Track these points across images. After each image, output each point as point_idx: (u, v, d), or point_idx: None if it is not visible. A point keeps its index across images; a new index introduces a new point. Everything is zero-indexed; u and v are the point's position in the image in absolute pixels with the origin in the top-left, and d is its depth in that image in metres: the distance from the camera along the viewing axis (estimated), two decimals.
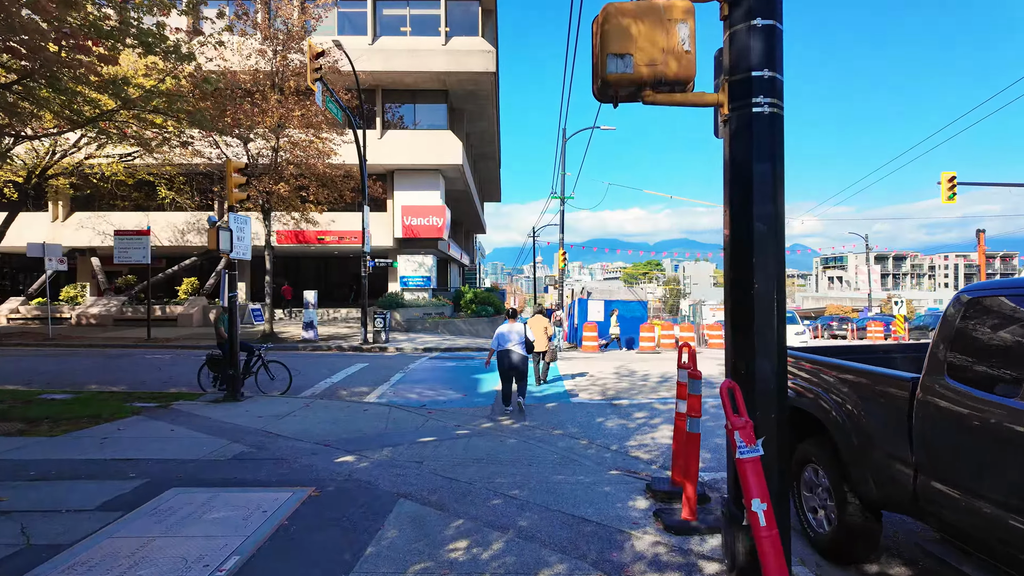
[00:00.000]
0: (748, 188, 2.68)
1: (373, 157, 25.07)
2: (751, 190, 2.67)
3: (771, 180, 2.68)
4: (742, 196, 2.72)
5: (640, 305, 20.55)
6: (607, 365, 14.33)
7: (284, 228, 26.09)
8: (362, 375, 12.42)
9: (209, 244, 8.92)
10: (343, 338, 20.32)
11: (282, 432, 7.06)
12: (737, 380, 2.73)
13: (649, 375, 12.44)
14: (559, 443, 6.77)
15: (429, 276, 26.57)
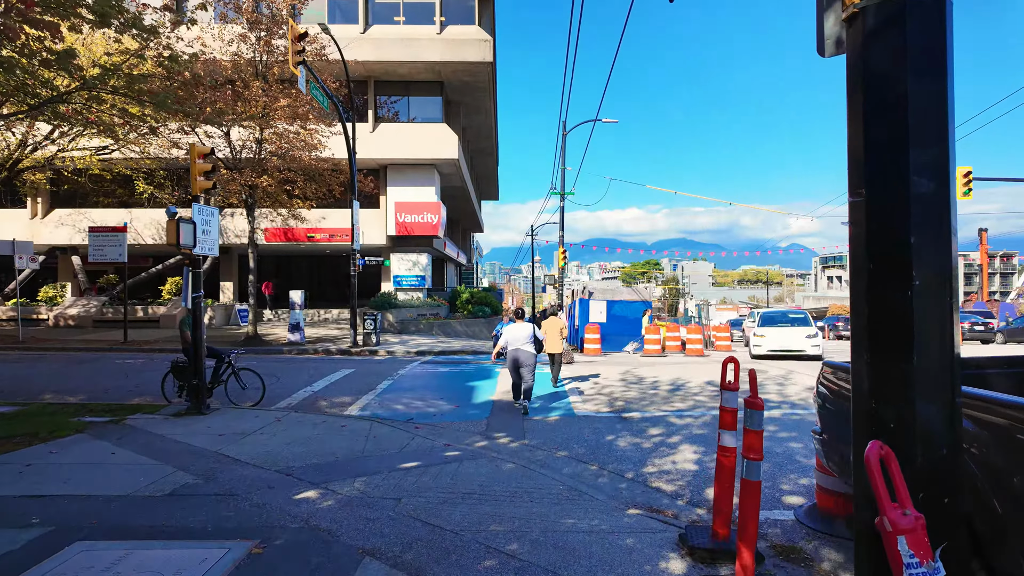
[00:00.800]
0: (900, 121, 1.67)
1: (365, 151, 24.05)
2: (905, 124, 1.66)
3: (938, 107, 1.68)
4: (889, 135, 1.71)
5: (644, 306, 19.56)
6: (612, 370, 13.34)
7: (272, 226, 25.10)
8: (347, 382, 11.41)
9: (168, 238, 7.91)
10: (332, 340, 19.29)
11: (241, 456, 6.05)
12: (882, 436, 1.69)
13: (659, 382, 11.44)
14: (565, 468, 5.77)
15: (424, 275, 25.56)
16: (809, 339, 15.48)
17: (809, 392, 10.13)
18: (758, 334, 16.20)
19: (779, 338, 15.81)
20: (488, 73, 24.42)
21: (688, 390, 10.44)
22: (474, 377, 12.08)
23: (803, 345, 15.57)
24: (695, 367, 14.10)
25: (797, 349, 15.56)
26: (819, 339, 15.57)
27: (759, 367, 13.96)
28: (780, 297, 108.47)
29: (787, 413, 8.39)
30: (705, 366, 14.35)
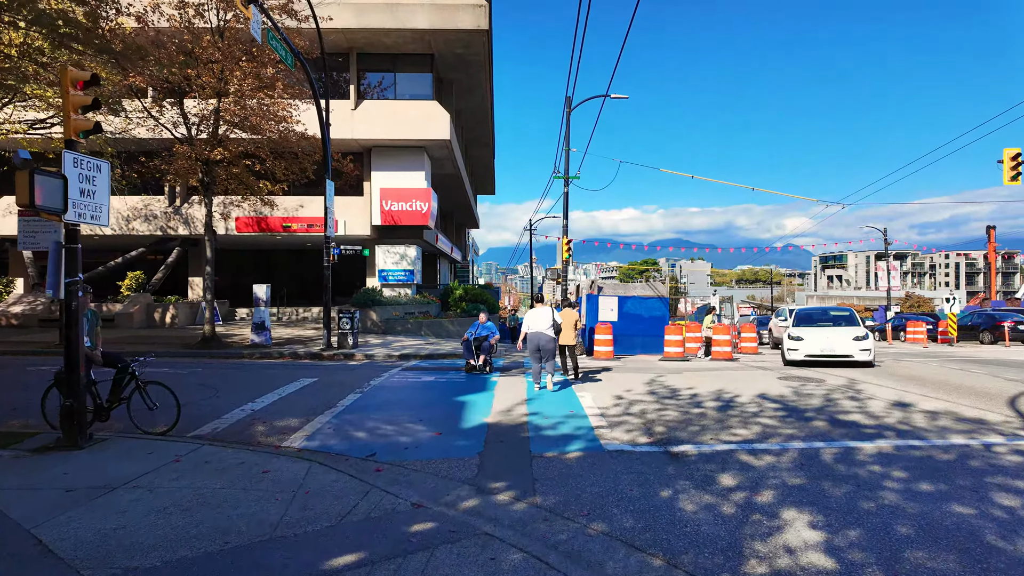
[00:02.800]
0: None
1: (346, 131, 21.62)
2: None
3: None
4: None
5: (661, 303, 17.19)
6: (633, 379, 10.95)
7: (243, 214, 22.62)
8: (303, 396, 8.97)
9: (18, 199, 5.44)
10: (304, 342, 16.84)
11: (65, 541, 3.63)
12: None
13: (699, 396, 9.06)
14: (609, 565, 3.38)
15: (412, 270, 23.11)
16: (857, 342, 12.96)
17: (905, 412, 7.75)
18: (793, 335, 13.55)
19: (821, 340, 13.12)
20: (483, 44, 22.01)
21: (743, 408, 8.06)
22: (465, 389, 9.65)
23: (850, 349, 12.82)
24: (731, 374, 11.73)
25: (844, 354, 12.82)
26: (869, 342, 13.07)
27: (806, 375, 11.60)
28: (780, 296, 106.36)
29: (900, 445, 6.02)
30: (743, 373, 11.98)
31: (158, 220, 23.41)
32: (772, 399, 8.71)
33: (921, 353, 18.51)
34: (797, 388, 9.77)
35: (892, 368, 12.98)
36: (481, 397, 9.00)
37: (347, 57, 22.34)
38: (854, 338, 13.03)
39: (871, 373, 11.91)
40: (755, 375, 11.61)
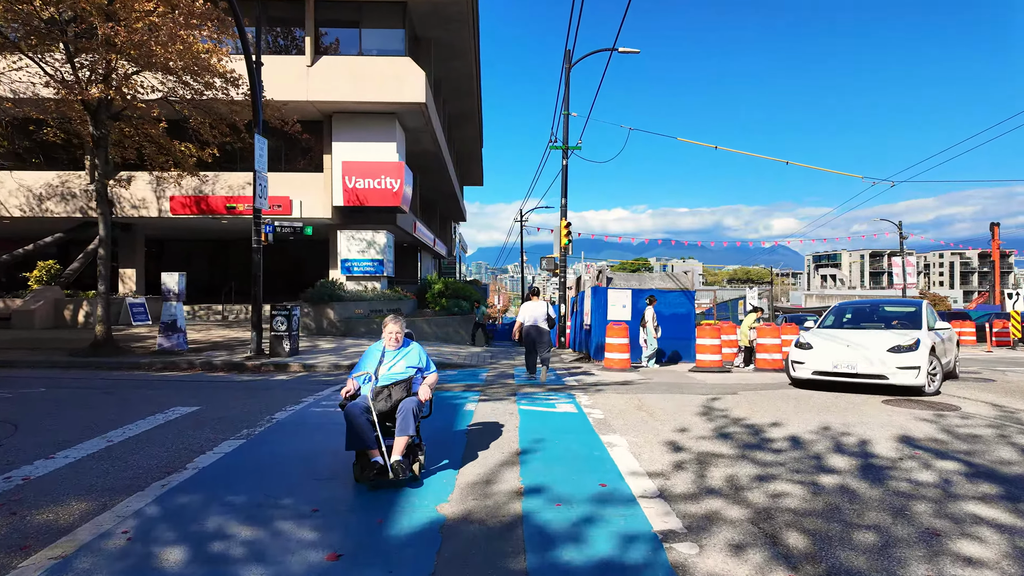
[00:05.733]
0: None
1: (301, 92, 17.99)
2: None
3: None
4: None
5: (686, 297, 13.76)
6: (677, 405, 7.47)
7: (179, 192, 18.93)
8: (143, 446, 5.36)
9: None
10: (232, 347, 13.17)
11: None
12: None
13: (800, 440, 5.59)
14: None
15: (381, 260, 19.47)
16: (896, 355, 8.21)
17: None
18: (803, 342, 9.16)
19: (837, 351, 8.63)
20: None
21: (903, 473, 4.61)
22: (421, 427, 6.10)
23: (882, 366, 8.18)
24: (812, 397, 8.25)
25: (871, 374, 8.25)
26: (920, 355, 8.17)
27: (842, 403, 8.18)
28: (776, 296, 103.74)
29: None
30: (824, 394, 8.53)
31: (78, 200, 19.56)
32: (929, 448, 5.25)
33: (999, 359, 15.24)
34: (942, 425, 6.33)
35: (1014, 383, 9.59)
36: (444, 446, 5.45)
37: (302, 5, 18.65)
38: (890, 349, 8.28)
39: (988, 392, 8.52)
40: (846, 399, 8.16)
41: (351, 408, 4.08)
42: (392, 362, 4.43)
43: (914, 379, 8.07)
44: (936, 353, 8.57)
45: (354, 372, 4.40)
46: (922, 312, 9.62)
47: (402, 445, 4.08)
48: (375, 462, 4.05)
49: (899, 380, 8.09)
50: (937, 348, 8.73)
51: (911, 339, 8.42)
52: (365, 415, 4.06)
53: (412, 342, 4.63)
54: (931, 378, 8.31)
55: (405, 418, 4.10)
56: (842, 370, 8.46)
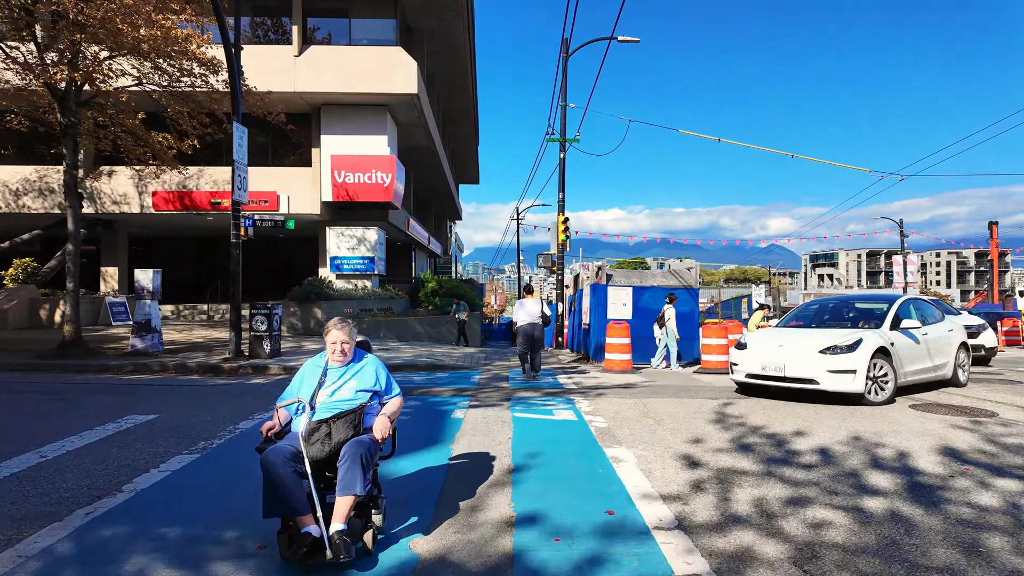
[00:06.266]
0: None
1: (288, 83, 17.31)
2: None
3: None
4: None
5: (690, 295, 13.12)
6: (687, 412, 6.82)
7: (161, 187, 18.23)
8: (81, 461, 4.68)
9: None
10: (210, 348, 12.48)
11: None
12: None
13: (830, 451, 4.95)
14: None
15: (372, 257, 18.78)
16: (829, 357, 7.07)
17: None
18: (743, 342, 8.22)
19: (768, 353, 7.58)
20: None
21: (972, 500, 3.99)
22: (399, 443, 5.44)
23: (812, 370, 7.10)
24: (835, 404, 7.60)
25: (799, 378, 7.20)
26: (858, 356, 7.00)
27: (866, 408, 7.56)
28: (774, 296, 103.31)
29: None
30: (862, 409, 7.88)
31: (56, 195, 18.78)
32: (978, 463, 4.61)
33: (1015, 359, 14.65)
34: (985, 435, 5.69)
35: None
36: (425, 462, 4.78)
37: None
38: (823, 349, 7.13)
39: None
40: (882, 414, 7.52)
41: (271, 455, 2.78)
42: (336, 384, 3.15)
43: (849, 384, 6.93)
44: (891, 356, 7.27)
45: (282, 399, 3.20)
46: (890, 310, 8.10)
47: (345, 508, 2.78)
48: (306, 533, 2.76)
49: (830, 385, 6.98)
50: (896, 351, 7.40)
51: (852, 339, 7.19)
52: (291, 465, 2.79)
53: (367, 355, 3.38)
54: (875, 385, 7.06)
55: (350, 469, 2.78)
56: (770, 372, 7.43)
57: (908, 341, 7.80)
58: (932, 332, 8.35)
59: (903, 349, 7.61)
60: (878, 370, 7.13)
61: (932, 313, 8.81)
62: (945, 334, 8.61)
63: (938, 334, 8.45)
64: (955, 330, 8.86)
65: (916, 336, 7.96)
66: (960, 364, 8.75)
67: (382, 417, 3.12)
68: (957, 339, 8.78)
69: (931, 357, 8.15)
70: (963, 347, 8.89)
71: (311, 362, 3.29)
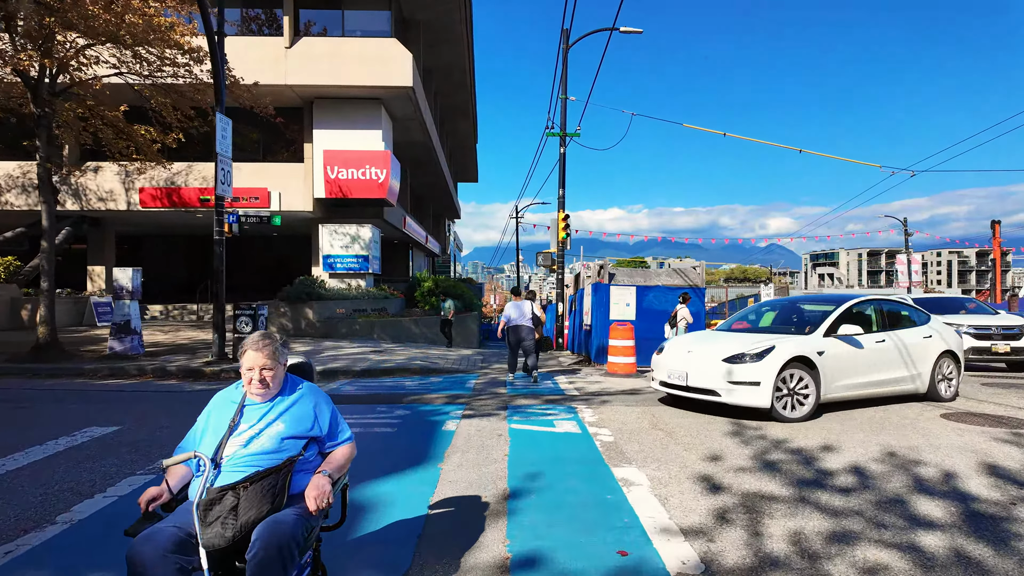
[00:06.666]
0: None
1: (279, 76, 16.76)
2: None
3: None
4: None
5: (696, 295, 12.58)
6: (701, 425, 6.27)
7: (149, 184, 17.68)
8: (11, 486, 4.12)
9: None
10: (195, 351, 11.93)
11: None
12: None
13: (865, 471, 4.41)
14: None
15: (366, 255, 18.22)
16: (733, 365, 6.27)
17: None
18: (661, 347, 7.56)
19: (676, 360, 6.91)
20: None
21: None
22: (382, 467, 4.91)
23: (714, 379, 6.34)
24: (856, 413, 7.03)
25: (701, 388, 6.48)
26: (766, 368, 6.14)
27: (894, 418, 7.02)
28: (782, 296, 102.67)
29: None
30: None
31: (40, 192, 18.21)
32: None
33: None
34: None
35: None
36: (408, 487, 4.23)
37: None
38: (727, 357, 6.33)
39: None
40: (898, 412, 6.99)
41: (142, 546, 1.84)
42: (254, 430, 2.20)
43: (752, 398, 6.08)
44: (816, 367, 6.27)
45: (179, 451, 2.26)
46: (832, 313, 6.93)
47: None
48: None
49: (733, 398, 6.18)
50: (825, 361, 6.37)
51: (762, 346, 6.31)
52: (175, 561, 1.84)
53: (304, 384, 2.44)
54: (792, 399, 6.16)
55: (267, 569, 1.86)
56: (674, 381, 6.80)
57: (847, 349, 6.68)
58: (894, 339, 7.14)
59: (839, 359, 6.54)
60: (795, 382, 6.20)
61: (903, 317, 7.64)
62: (919, 341, 7.33)
63: (906, 341, 7.21)
64: (936, 336, 7.52)
65: (860, 343, 6.77)
66: (944, 376, 7.44)
67: (319, 477, 2.14)
68: (936, 347, 7.42)
69: (890, 367, 6.96)
70: (949, 356, 7.51)
71: (223, 395, 2.38)
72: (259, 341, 2.28)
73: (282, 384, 2.35)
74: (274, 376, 2.28)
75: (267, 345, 2.27)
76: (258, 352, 2.24)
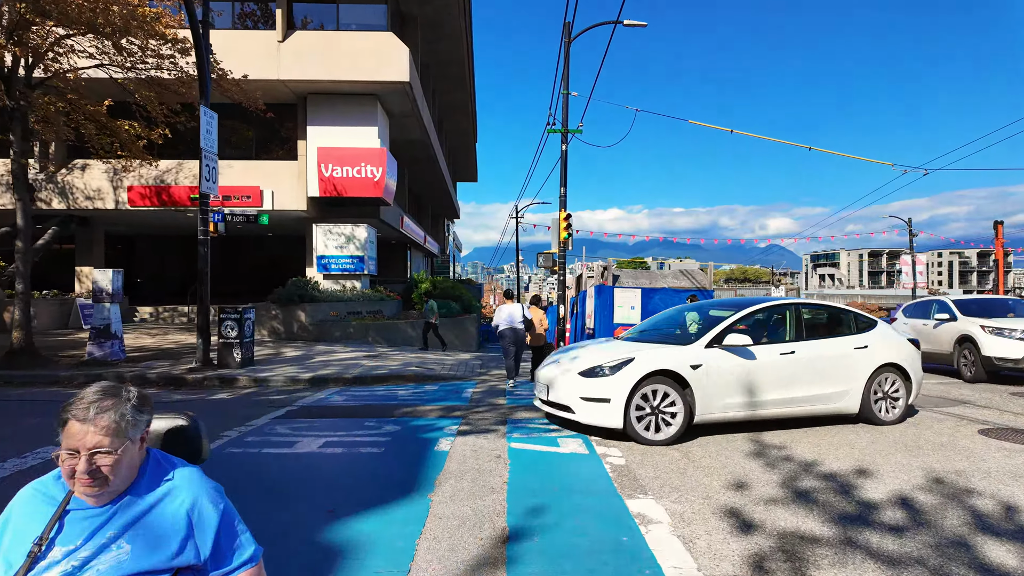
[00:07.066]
0: None
1: (271, 70, 16.24)
2: None
3: None
4: None
5: (704, 298, 12.04)
6: (714, 440, 5.75)
7: (138, 182, 17.16)
8: None
9: None
10: (180, 356, 11.40)
11: None
12: None
13: (918, 506, 3.90)
14: None
15: (362, 256, 17.69)
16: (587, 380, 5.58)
17: None
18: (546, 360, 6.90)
19: (547, 371, 6.22)
20: None
21: None
22: (364, 499, 4.38)
23: (569, 395, 5.66)
24: (886, 428, 6.47)
25: (560, 403, 5.78)
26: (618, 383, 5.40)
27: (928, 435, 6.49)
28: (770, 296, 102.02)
29: None
30: None
31: None
32: None
33: None
34: None
35: None
36: (392, 525, 3.69)
37: None
38: (583, 371, 5.65)
39: None
40: (930, 427, 6.46)
41: None
42: (77, 556, 1.33)
43: (602, 417, 5.37)
44: (689, 382, 5.45)
45: None
46: (724, 320, 5.98)
47: None
48: None
49: (585, 417, 5.48)
50: (705, 375, 5.50)
51: (620, 357, 5.56)
52: None
53: (180, 469, 1.51)
54: (655, 421, 5.36)
55: None
56: (542, 396, 6.11)
57: (736, 363, 5.69)
58: (809, 350, 6.02)
59: (724, 373, 5.62)
60: (660, 400, 5.40)
61: (834, 324, 6.63)
62: (846, 352, 6.16)
63: (826, 352, 6.09)
64: (874, 347, 6.28)
65: (753, 354, 5.76)
66: (886, 394, 6.24)
67: None
68: (872, 359, 6.22)
69: (802, 383, 5.89)
70: (893, 371, 6.29)
71: (34, 490, 1.43)
72: (94, 404, 1.35)
73: (138, 473, 1.43)
74: (117, 463, 1.35)
75: (106, 410, 1.35)
76: (88, 425, 1.32)
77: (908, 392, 6.40)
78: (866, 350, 6.26)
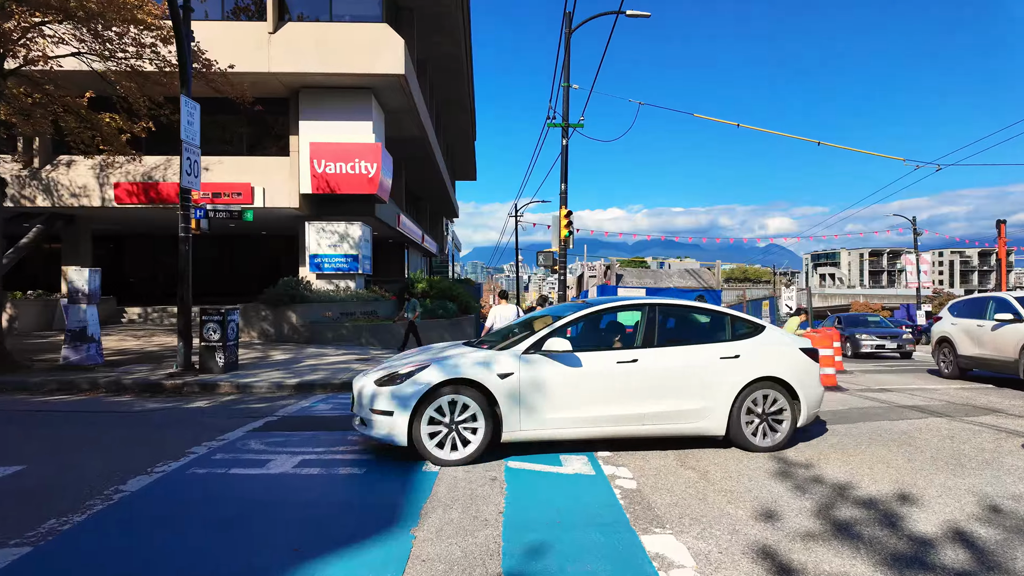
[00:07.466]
0: None
1: (262, 63, 15.70)
2: None
3: None
4: None
5: (712, 299, 11.47)
6: (733, 459, 5.25)
7: (125, 178, 16.63)
8: None
9: None
10: (162, 359, 10.85)
11: None
12: None
13: (979, 543, 3.37)
14: None
15: (356, 255, 17.15)
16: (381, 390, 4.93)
17: None
18: None
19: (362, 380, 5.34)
20: None
21: None
22: (338, 534, 3.84)
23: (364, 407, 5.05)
24: (913, 430, 5.95)
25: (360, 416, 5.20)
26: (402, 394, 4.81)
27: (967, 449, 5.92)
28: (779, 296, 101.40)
29: None
30: (924, 423, 6.27)
31: (8, 188, 17.13)
32: None
33: None
34: None
35: None
36: (366, 572, 3.15)
37: None
38: (380, 380, 5.05)
39: None
40: (968, 442, 5.93)
41: None
42: None
43: (388, 431, 4.74)
44: (497, 397, 4.81)
45: None
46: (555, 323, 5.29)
47: None
48: None
49: (377, 431, 4.82)
50: (519, 385, 4.85)
51: (416, 364, 4.98)
52: None
53: None
54: (454, 438, 4.77)
55: None
56: (353, 408, 5.30)
57: (560, 371, 4.98)
58: (659, 360, 5.18)
59: (544, 384, 4.92)
60: (459, 413, 4.79)
61: (705, 327, 5.81)
62: (709, 363, 5.24)
63: (678, 363, 5.21)
64: (748, 357, 5.32)
65: (579, 361, 5.03)
66: (761, 414, 5.29)
67: None
68: (743, 372, 5.26)
69: (648, 398, 5.09)
70: (774, 387, 5.31)
71: None
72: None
73: None
74: None
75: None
76: None
77: (796, 413, 5.36)
78: (736, 361, 5.27)
